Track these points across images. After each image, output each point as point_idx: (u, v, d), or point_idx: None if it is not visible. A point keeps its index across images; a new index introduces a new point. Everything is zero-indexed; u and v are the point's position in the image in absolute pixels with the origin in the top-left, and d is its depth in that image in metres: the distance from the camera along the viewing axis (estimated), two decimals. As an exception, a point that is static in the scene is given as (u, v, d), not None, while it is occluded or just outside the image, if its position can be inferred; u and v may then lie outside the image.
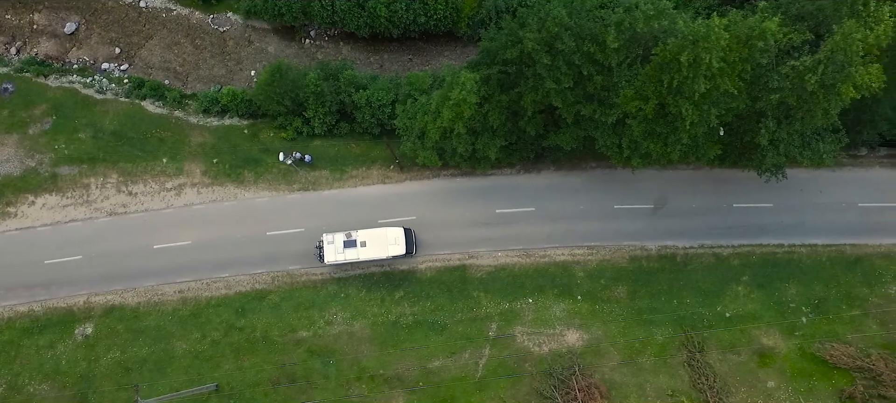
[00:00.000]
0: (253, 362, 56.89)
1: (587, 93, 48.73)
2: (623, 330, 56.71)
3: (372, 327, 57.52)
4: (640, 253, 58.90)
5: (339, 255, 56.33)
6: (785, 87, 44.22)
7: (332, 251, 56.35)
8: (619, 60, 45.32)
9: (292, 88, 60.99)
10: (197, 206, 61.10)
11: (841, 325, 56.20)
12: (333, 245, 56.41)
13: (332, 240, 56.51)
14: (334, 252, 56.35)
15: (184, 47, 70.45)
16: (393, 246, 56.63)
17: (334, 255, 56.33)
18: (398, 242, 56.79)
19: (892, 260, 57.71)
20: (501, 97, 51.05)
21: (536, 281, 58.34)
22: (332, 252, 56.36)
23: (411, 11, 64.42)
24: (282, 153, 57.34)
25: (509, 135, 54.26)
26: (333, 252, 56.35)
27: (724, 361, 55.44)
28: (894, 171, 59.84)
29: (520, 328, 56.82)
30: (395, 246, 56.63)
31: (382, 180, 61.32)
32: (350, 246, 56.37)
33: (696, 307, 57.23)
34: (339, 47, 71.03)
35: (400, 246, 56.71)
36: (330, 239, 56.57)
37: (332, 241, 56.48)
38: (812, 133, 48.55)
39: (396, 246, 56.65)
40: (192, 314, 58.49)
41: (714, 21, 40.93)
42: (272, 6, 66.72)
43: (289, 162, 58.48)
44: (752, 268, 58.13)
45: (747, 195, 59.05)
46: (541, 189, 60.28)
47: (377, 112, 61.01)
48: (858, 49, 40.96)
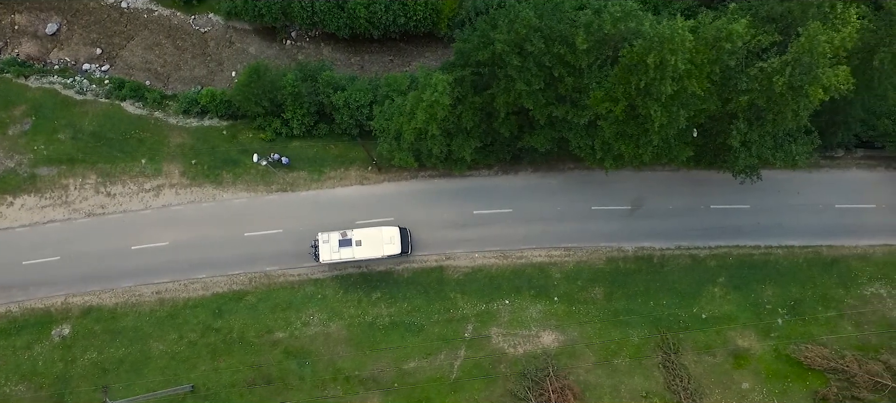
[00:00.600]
0: (229, 363, 56.97)
1: (559, 94, 48.79)
2: (599, 332, 56.75)
3: (348, 328, 57.58)
4: (617, 255, 58.92)
5: (335, 254, 56.20)
6: (754, 89, 44.25)
7: (328, 250, 56.21)
8: (589, 62, 45.35)
9: (270, 89, 61.02)
10: (175, 207, 61.15)
11: (816, 327, 56.24)
12: (329, 244, 56.28)
13: (328, 239, 56.38)
14: (329, 251, 56.20)
15: (165, 48, 70.44)
16: (388, 245, 56.57)
17: (329, 254, 56.18)
18: (394, 241, 56.73)
19: (867, 262, 57.72)
20: (475, 99, 51.10)
21: (513, 282, 58.37)
22: (327, 251, 56.22)
23: (390, 12, 64.41)
24: (256, 154, 57.35)
25: (484, 136, 54.29)
26: (329, 251, 56.19)
27: (699, 362, 55.48)
28: (871, 173, 59.83)
29: (496, 329, 56.88)
30: (390, 246, 56.58)
31: (360, 181, 61.35)
32: (345, 246, 56.26)
33: (673, 308, 57.27)
34: (320, 48, 71.01)
35: (395, 245, 56.66)
36: (325, 238, 56.44)
37: (328, 240, 56.36)
38: (784, 134, 48.53)
39: (392, 246, 56.60)
40: (169, 315, 58.56)
41: (678, 23, 40.94)
42: (252, 7, 66.72)
43: (263, 163, 58.53)
44: (728, 270, 58.15)
45: (724, 196, 59.04)
46: (518, 190, 60.30)
47: (355, 113, 61.03)
48: (824, 51, 40.96)
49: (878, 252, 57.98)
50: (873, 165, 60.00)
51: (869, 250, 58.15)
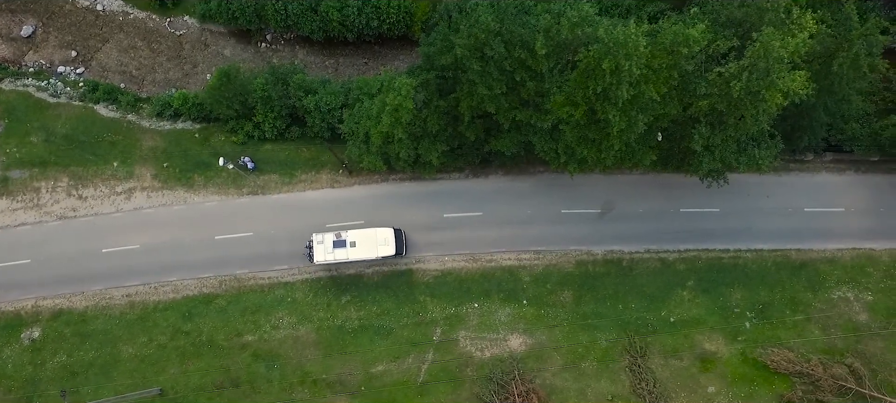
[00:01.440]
0: (198, 366, 57.04)
1: (522, 98, 48.88)
2: (567, 335, 56.82)
3: (317, 331, 57.65)
4: (587, 258, 59.00)
5: (329, 255, 56.16)
6: (713, 94, 44.35)
7: (322, 251, 56.15)
8: (549, 66, 45.42)
9: (241, 93, 61.07)
10: (146, 210, 61.20)
11: (784, 330, 56.31)
12: (323, 245, 56.23)
13: (322, 240, 56.33)
14: (324, 252, 56.13)
15: (140, 51, 70.48)
16: (383, 246, 56.59)
17: (324, 255, 56.12)
18: (388, 242, 56.72)
19: (835, 265, 57.79)
20: (440, 102, 51.16)
21: (483, 285, 58.45)
22: (321, 252, 56.16)
23: (363, 16, 64.46)
24: (222, 158, 57.41)
25: (451, 140, 54.36)
26: (323, 252, 56.13)
27: (666, 366, 55.55)
28: (840, 176, 59.91)
29: (464, 333, 56.95)
30: (385, 247, 56.59)
31: (331, 184, 61.41)
32: (339, 246, 56.25)
33: (641, 312, 57.34)
34: (295, 51, 71.07)
35: (390, 246, 56.67)
36: (320, 238, 56.42)
37: (322, 241, 56.31)
38: (748, 139, 48.57)
39: (386, 247, 56.62)
40: (139, 318, 58.62)
41: (630, 29, 41.01)
42: (226, 10, 66.78)
43: (230, 166, 58.55)
44: (697, 273, 58.23)
45: (694, 200, 59.09)
46: (488, 193, 60.38)
47: (327, 116, 61.04)
48: (780, 56, 41.03)
49: (846, 255, 58.08)
50: (842, 169, 60.07)
51: (837, 254, 58.24)
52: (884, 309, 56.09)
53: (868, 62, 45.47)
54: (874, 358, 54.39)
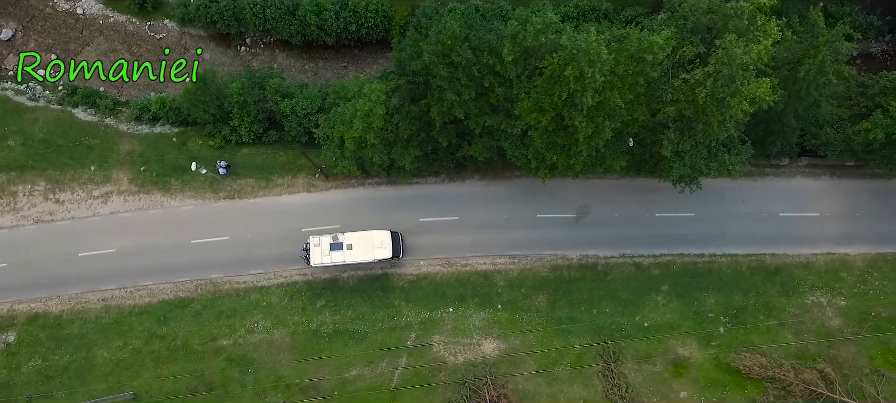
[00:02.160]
0: (172, 370, 57.10)
1: (491, 104, 48.94)
2: (541, 340, 56.85)
3: (292, 336, 57.69)
4: (562, 263, 59.01)
5: (326, 258, 56.22)
6: (680, 100, 44.39)
7: (319, 253, 56.20)
8: (517, 72, 45.46)
9: (218, 97, 61.16)
10: (123, 214, 61.25)
11: (757, 335, 56.33)
12: (320, 247, 56.29)
13: (319, 243, 56.39)
14: (321, 254, 56.18)
15: (120, 54, 70.47)
16: (379, 249, 56.56)
17: (321, 258, 56.18)
18: (385, 245, 56.69)
19: (810, 270, 57.81)
20: (411, 108, 51.20)
21: (457, 290, 58.48)
22: (318, 254, 56.21)
23: (341, 20, 64.56)
24: (194, 163, 57.42)
25: (424, 145, 54.38)
26: (320, 254, 56.18)
27: (639, 371, 55.57)
28: (815, 181, 59.91)
29: (437, 337, 56.98)
30: (381, 249, 56.56)
31: (308, 188, 61.45)
32: (336, 249, 56.27)
33: (615, 316, 57.36)
34: (275, 54, 71.15)
35: (386, 249, 56.63)
36: (316, 241, 56.47)
37: (319, 244, 56.37)
38: (718, 144, 48.57)
39: (383, 249, 56.58)
40: (114, 322, 58.68)
41: (591, 36, 41.06)
42: (205, 13, 66.87)
43: (203, 171, 58.55)
44: (672, 278, 58.24)
45: (669, 204, 59.06)
46: (464, 198, 60.40)
47: (303, 120, 61.08)
48: (744, 63, 41.08)
49: (820, 260, 58.07)
50: (818, 174, 60.08)
51: (812, 258, 58.23)
52: (856, 315, 56.09)
53: (834, 68, 45.50)
54: (846, 363, 54.40)
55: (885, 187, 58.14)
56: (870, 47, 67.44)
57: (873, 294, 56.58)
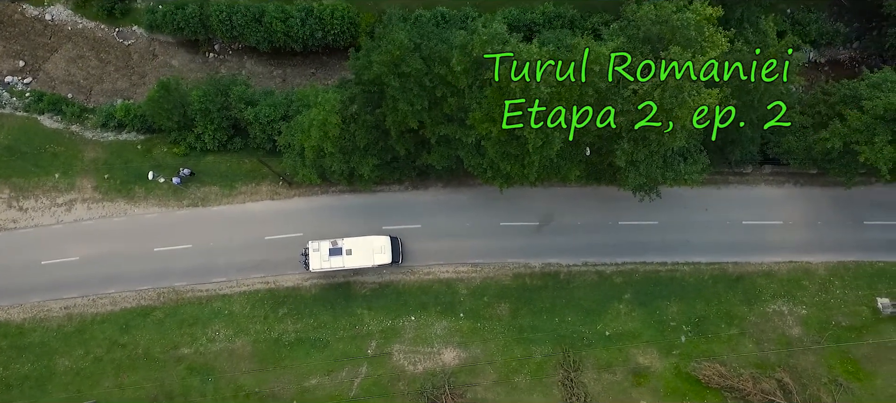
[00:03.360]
0: (133, 379, 56.94)
1: (445, 114, 48.81)
2: (502, 349, 56.73)
3: (253, 344, 57.55)
4: (524, 271, 58.89)
5: (325, 263, 56.12)
6: (630, 111, 44.24)
7: (318, 258, 56.12)
8: (468, 83, 45.33)
9: (181, 104, 61.00)
10: (86, 222, 61.09)
11: (719, 344, 56.22)
12: (319, 252, 56.19)
13: (318, 248, 56.29)
14: (320, 259, 56.10)
15: (88, 61, 70.39)
16: (379, 254, 56.43)
17: (320, 263, 56.09)
18: (384, 251, 56.56)
19: (772, 279, 57.70)
20: (367, 117, 51.05)
21: (420, 298, 58.36)
22: (317, 259, 56.12)
23: (307, 26, 64.44)
24: (151, 172, 57.28)
25: (383, 153, 54.23)
26: (319, 259, 56.10)
27: (599, 380, 55.45)
28: (779, 189, 59.83)
29: (398, 346, 56.86)
30: (381, 255, 56.43)
31: (271, 196, 61.33)
32: (335, 254, 56.14)
33: (577, 325, 57.24)
34: (243, 61, 70.99)
35: (386, 254, 56.51)
36: (315, 246, 56.38)
37: (318, 249, 56.27)
38: (674, 154, 48.42)
39: (382, 255, 56.46)
40: (76, 330, 58.51)
41: (533, 48, 40.91)
42: (171, 20, 66.70)
43: (161, 180, 58.37)
44: (634, 286, 58.13)
45: (633, 212, 58.90)
46: (427, 205, 60.30)
47: (267, 128, 60.97)
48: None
49: (782, 269, 57.99)
50: (782, 181, 59.99)
51: (774, 267, 58.14)
52: (816, 323, 56.00)
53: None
54: (805, 373, 54.30)
55: (847, 195, 58.01)
56: (838, 54, 67.42)
57: (834, 302, 56.48)
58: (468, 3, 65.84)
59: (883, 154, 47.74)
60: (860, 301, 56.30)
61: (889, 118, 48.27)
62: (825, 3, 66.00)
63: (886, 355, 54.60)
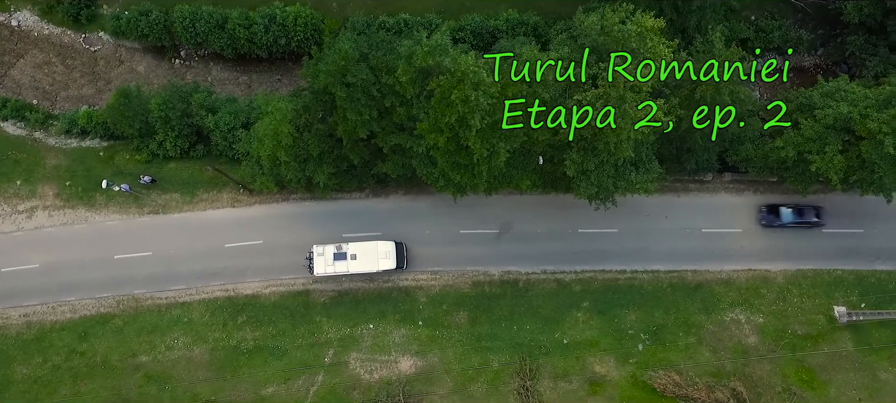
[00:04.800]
0: (90, 387, 56.97)
1: (395, 123, 48.77)
2: (460, 357, 56.70)
3: (212, 352, 57.53)
4: (483, 279, 58.85)
5: (329, 267, 55.88)
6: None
7: (322, 263, 55.87)
8: (415, 92, 45.28)
9: (141, 112, 60.92)
10: (47, 229, 61.08)
11: (676, 352, 56.18)
12: (323, 257, 55.95)
13: (322, 252, 56.03)
14: (324, 264, 55.86)
15: (54, 67, 70.30)
16: (384, 259, 56.21)
17: (324, 267, 55.84)
18: (389, 256, 56.32)
19: (731, 287, 57.64)
20: (320, 126, 51.00)
21: (379, 306, 58.34)
22: (321, 264, 55.88)
23: (271, 33, 64.31)
24: (105, 181, 57.28)
25: (338, 162, 54.15)
26: (323, 264, 55.86)
27: (555, 389, 55.42)
28: (739, 197, 59.75)
29: (355, 354, 56.85)
30: (386, 260, 56.21)
31: (232, 203, 61.26)
32: (340, 259, 55.94)
33: (535, 333, 57.19)
34: (209, 67, 70.90)
35: (391, 260, 56.31)
36: (320, 250, 56.10)
37: (322, 253, 56.01)
38: (625, 163, 48.28)
39: (387, 260, 56.25)
40: (35, 338, 58.54)
41: (468, 60, 40.94)
42: (136, 26, 66.59)
43: (116, 188, 58.32)
44: (593, 294, 58.06)
45: (593, 220, 58.70)
46: (388, 213, 60.25)
47: (227, 135, 60.90)
48: (632, 85, 40.97)
49: (741, 277, 57.92)
50: (742, 189, 59.92)
51: (733, 275, 58.07)
52: (773, 332, 55.95)
53: (729, 89, 45.30)
54: (760, 382, 54.28)
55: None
56: (802, 61, 67.37)
57: (791, 311, 56.44)
58: (432, 10, 65.85)
59: (833, 163, 47.66)
60: (817, 309, 56.24)
61: (839, 127, 48.22)
62: (789, 10, 65.95)
63: (841, 364, 54.58)
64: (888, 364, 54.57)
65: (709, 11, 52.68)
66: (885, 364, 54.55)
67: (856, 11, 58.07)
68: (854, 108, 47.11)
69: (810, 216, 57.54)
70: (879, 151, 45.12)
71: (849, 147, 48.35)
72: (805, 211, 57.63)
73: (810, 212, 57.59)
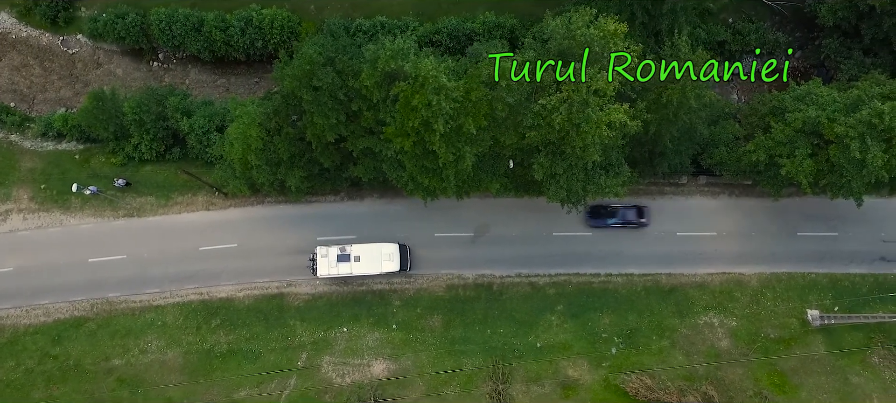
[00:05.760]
0: (63, 391, 56.89)
1: (363, 127, 48.66)
2: (433, 361, 56.61)
3: (185, 356, 57.42)
4: (458, 282, 58.75)
5: (332, 269, 55.85)
6: (540, 125, 44.07)
7: (325, 264, 55.86)
8: (381, 96, 45.16)
9: (115, 115, 60.78)
10: (22, 232, 60.99)
11: (649, 356, 56.09)
12: (327, 258, 55.93)
13: (326, 254, 56.00)
14: (327, 265, 55.83)
15: (32, 69, 70.16)
16: (387, 262, 56.10)
17: (327, 269, 55.83)
18: (393, 258, 56.21)
19: (704, 290, 57.54)
20: (289, 130, 50.90)
21: (353, 309, 58.25)
22: (325, 265, 55.87)
23: (247, 36, 64.14)
24: (75, 184, 57.17)
25: (309, 165, 54.01)
26: (327, 265, 55.84)
27: (528, 393, 55.32)
28: (714, 200, 59.65)
29: (328, 358, 56.75)
30: (389, 262, 56.11)
31: (207, 206, 61.14)
32: (343, 261, 55.87)
33: (509, 337, 57.08)
34: (188, 70, 70.76)
35: (394, 262, 56.19)
36: (323, 252, 56.07)
37: (326, 255, 55.99)
38: (595, 166, 48.13)
39: (391, 263, 56.14)
40: (8, 341, 58.45)
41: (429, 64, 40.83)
42: (113, 28, 66.44)
43: (86, 192, 58.18)
44: (567, 298, 57.94)
45: (567, 224, 58.61)
46: (362, 216, 60.15)
47: (202, 138, 60.78)
48: (596, 88, 40.91)
49: (715, 280, 57.83)
50: (717, 193, 59.83)
51: (707, 278, 57.99)
52: (745, 335, 55.86)
53: (695, 93, 45.20)
54: (732, 385, 54.21)
55: (780, 206, 57.80)
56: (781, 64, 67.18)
57: (764, 314, 56.34)
58: (410, 12, 65.72)
59: (803, 167, 47.53)
60: (790, 313, 56.15)
61: (808, 131, 48.10)
62: (767, 12, 65.81)
63: (813, 368, 54.49)
64: (860, 367, 54.50)
65: (681, 14, 52.52)
66: (856, 368, 54.46)
67: (830, 14, 57.96)
68: (822, 112, 47.03)
69: (633, 216, 57.70)
70: (846, 155, 45.01)
71: (818, 151, 48.22)
72: (628, 211, 57.63)
73: (632, 212, 57.72)
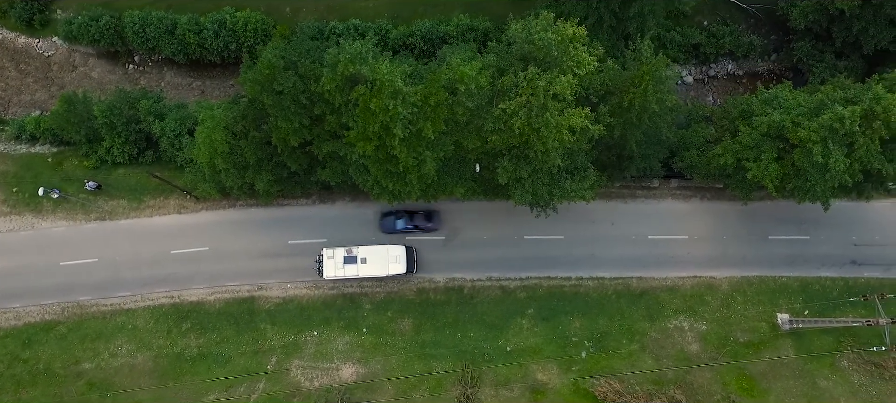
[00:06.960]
0: (32, 395, 56.67)
1: (327, 131, 48.53)
2: (403, 365, 56.44)
3: (155, 359, 57.27)
4: (428, 286, 58.59)
5: (339, 271, 55.86)
6: (501, 129, 43.96)
7: (332, 266, 55.85)
8: (343, 100, 45.03)
9: (87, 118, 60.68)
10: (-7, 236, 60.88)
11: (619, 360, 55.95)
12: (333, 260, 55.90)
13: (332, 255, 55.98)
14: (334, 267, 55.84)
15: (7, 71, 70.15)
16: (394, 264, 56.12)
17: (334, 271, 55.85)
18: (399, 260, 56.22)
19: (675, 294, 57.42)
20: (255, 134, 50.78)
21: (323, 313, 58.09)
22: (331, 267, 55.85)
23: (221, 38, 64.18)
24: (42, 188, 57.02)
25: (277, 169, 53.90)
26: (333, 267, 55.84)
27: (497, 397, 55.17)
28: (685, 204, 59.55)
29: (297, 361, 56.60)
30: (396, 265, 56.13)
31: (179, 210, 61.01)
32: (350, 263, 55.88)
33: (479, 340, 56.95)
34: (163, 72, 70.77)
35: (401, 264, 56.19)
36: (330, 253, 56.04)
37: (332, 256, 55.96)
38: (560, 171, 48.01)
39: (397, 265, 56.15)
40: (-22, 346, 58.29)
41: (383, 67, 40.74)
42: (87, 31, 66.41)
43: (54, 195, 58.09)
44: (538, 301, 57.81)
45: (539, 227, 58.37)
46: (334, 219, 60.01)
47: (174, 142, 60.65)
48: (555, 92, 40.79)
49: (686, 284, 57.70)
50: (688, 196, 59.74)
51: (678, 282, 57.85)
52: (715, 340, 55.72)
53: (657, 97, 45.06)
54: (700, 389, 54.05)
55: (752, 210, 57.75)
56: (756, 66, 67.25)
57: (734, 318, 56.21)
58: (384, 15, 65.68)
59: (768, 171, 47.40)
60: (760, 316, 56.03)
61: (774, 135, 47.98)
62: (742, 16, 65.77)
63: (781, 371, 54.33)
64: (828, 371, 54.37)
65: (649, 17, 52.42)
66: (825, 372, 54.34)
67: (801, 17, 57.91)
68: (787, 116, 46.91)
69: (421, 221, 58.06)
70: (809, 159, 44.89)
71: (784, 155, 48.11)
72: (415, 216, 58.01)
73: (420, 218, 58.08)
